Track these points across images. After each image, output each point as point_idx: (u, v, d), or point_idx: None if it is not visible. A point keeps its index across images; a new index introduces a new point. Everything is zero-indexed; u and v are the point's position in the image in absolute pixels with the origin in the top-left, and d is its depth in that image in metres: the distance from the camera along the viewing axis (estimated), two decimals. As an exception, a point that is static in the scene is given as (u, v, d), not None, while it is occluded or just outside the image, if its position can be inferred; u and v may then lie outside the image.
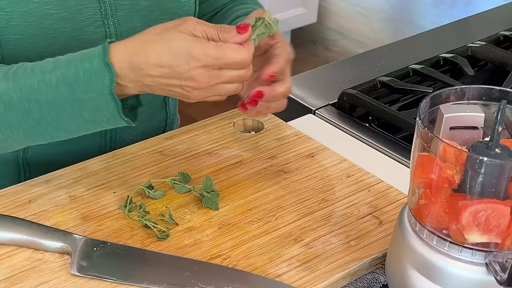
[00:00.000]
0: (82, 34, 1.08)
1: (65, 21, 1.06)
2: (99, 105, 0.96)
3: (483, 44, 1.53)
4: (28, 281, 0.94)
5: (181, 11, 1.16)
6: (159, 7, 1.14)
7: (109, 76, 0.95)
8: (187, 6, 1.17)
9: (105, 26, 1.10)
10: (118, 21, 1.11)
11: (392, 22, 4.09)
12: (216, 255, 0.99)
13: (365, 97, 1.34)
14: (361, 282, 0.99)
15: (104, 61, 0.95)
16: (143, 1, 1.12)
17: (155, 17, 1.13)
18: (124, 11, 1.11)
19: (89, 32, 1.09)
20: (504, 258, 0.83)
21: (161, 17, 1.14)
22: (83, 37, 1.08)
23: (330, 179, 1.13)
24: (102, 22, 1.09)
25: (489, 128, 0.86)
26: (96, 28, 1.09)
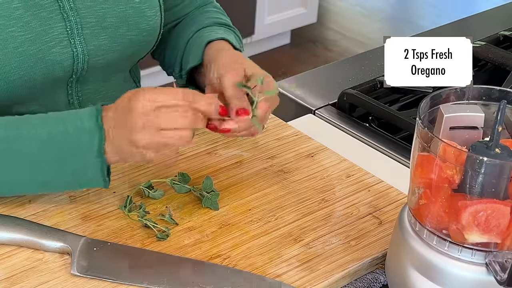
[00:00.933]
0: (48, 56, 1.06)
1: (30, 43, 1.04)
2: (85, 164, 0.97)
3: (483, 44, 1.53)
4: (28, 281, 0.93)
5: (148, 26, 1.15)
6: (126, 23, 1.12)
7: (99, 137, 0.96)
8: (153, 20, 1.16)
9: (72, 45, 1.08)
10: (85, 40, 1.09)
11: (392, 22, 4.09)
12: (216, 255, 0.99)
13: (365, 97, 1.34)
14: (361, 282, 0.99)
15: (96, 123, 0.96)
16: (109, 18, 1.11)
17: (121, 33, 1.12)
18: (90, 29, 1.09)
19: (56, 52, 1.07)
20: (504, 258, 0.83)
21: (128, 33, 1.13)
22: (50, 59, 1.06)
23: (330, 179, 1.13)
24: (69, 42, 1.07)
25: (489, 128, 0.86)
26: (62, 48, 1.07)
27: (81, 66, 1.10)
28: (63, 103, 1.13)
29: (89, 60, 1.10)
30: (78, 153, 0.97)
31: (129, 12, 1.12)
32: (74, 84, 1.12)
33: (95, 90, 1.15)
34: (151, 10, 1.15)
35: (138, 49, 1.16)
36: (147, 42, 1.17)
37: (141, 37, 1.15)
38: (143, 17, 1.14)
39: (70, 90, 1.12)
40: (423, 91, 1.37)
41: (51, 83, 1.09)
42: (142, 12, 1.13)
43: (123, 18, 1.12)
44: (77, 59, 1.09)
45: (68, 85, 1.12)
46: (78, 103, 1.14)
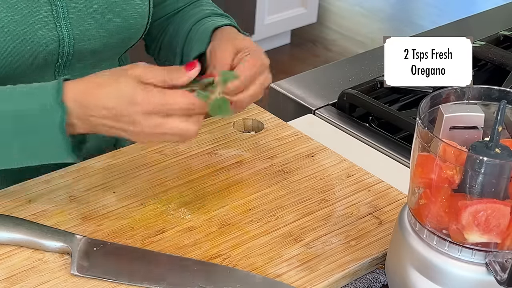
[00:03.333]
0: (33, 38, 1.06)
1: (16, 24, 1.05)
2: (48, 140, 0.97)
3: (483, 44, 1.53)
4: (28, 281, 0.94)
5: (135, 14, 1.15)
6: (112, 9, 1.12)
7: (61, 113, 0.95)
8: (141, 8, 1.16)
9: (58, 29, 1.08)
10: (71, 24, 1.09)
11: (392, 22, 4.09)
12: (216, 255, 0.99)
13: (365, 97, 1.34)
14: (361, 282, 0.99)
15: (57, 100, 0.95)
16: (95, 4, 1.11)
17: (108, 20, 1.12)
18: (77, 13, 1.10)
19: (41, 35, 1.07)
20: (504, 258, 0.83)
21: (115, 20, 1.13)
22: (35, 40, 1.07)
23: (330, 179, 1.13)
24: (54, 25, 1.08)
25: (489, 128, 0.86)
26: (48, 31, 1.08)
27: (67, 50, 1.10)
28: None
29: (74, 45, 1.10)
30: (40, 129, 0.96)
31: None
32: (61, 69, 1.12)
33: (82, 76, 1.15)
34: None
35: (125, 36, 1.16)
36: (134, 29, 1.17)
37: (128, 24, 1.15)
38: (130, 4, 1.14)
39: (57, 75, 1.12)
40: (423, 91, 1.37)
41: (37, 66, 1.09)
42: (129, 0, 1.14)
43: (110, 4, 1.12)
44: (62, 42, 1.09)
45: (56, 70, 1.12)
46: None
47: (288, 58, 3.54)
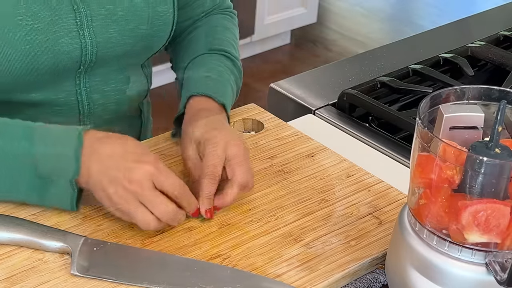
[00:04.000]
0: (56, 46, 1.06)
1: (38, 33, 1.04)
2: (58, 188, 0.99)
3: (483, 44, 1.53)
4: (28, 281, 0.94)
5: (159, 21, 1.15)
6: (136, 16, 1.12)
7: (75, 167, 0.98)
8: (165, 15, 1.16)
9: (81, 37, 1.08)
10: (95, 32, 1.09)
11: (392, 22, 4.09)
12: (216, 255, 0.99)
13: (365, 97, 1.34)
14: (361, 282, 0.99)
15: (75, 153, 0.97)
16: (119, 11, 1.10)
17: (131, 27, 1.12)
18: (101, 21, 1.09)
19: (64, 43, 1.07)
20: (504, 258, 0.83)
21: (139, 27, 1.13)
22: (57, 49, 1.06)
23: (330, 179, 1.13)
24: (78, 33, 1.08)
25: (489, 128, 0.86)
26: (70, 39, 1.07)
27: (90, 57, 1.10)
28: (69, 92, 1.13)
29: (97, 52, 1.10)
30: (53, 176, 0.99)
31: (140, 5, 1.12)
32: (82, 75, 1.12)
33: (104, 82, 1.15)
34: (163, 6, 1.15)
35: (148, 43, 1.16)
36: (158, 37, 1.17)
37: (152, 31, 1.15)
38: (155, 12, 1.14)
39: (78, 80, 1.12)
40: (423, 91, 1.37)
41: (58, 73, 1.09)
42: (154, 7, 1.14)
43: (134, 11, 1.12)
44: (85, 50, 1.09)
45: (76, 75, 1.12)
46: (86, 93, 1.14)
47: (288, 58, 3.54)
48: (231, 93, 1.18)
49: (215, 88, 1.15)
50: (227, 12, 1.30)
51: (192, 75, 1.19)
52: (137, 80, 1.21)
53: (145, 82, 1.24)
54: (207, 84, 1.15)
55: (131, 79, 1.19)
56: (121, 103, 1.19)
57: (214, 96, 1.13)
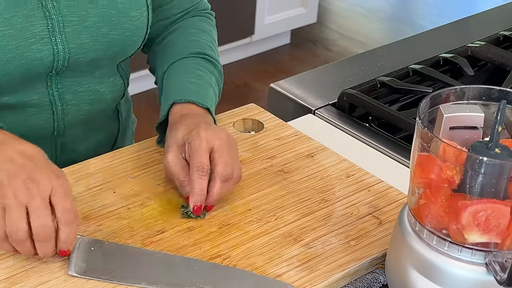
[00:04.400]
0: (28, 52, 1.06)
1: (10, 39, 1.04)
2: None
3: (483, 44, 1.53)
4: (28, 281, 0.93)
5: (132, 26, 1.14)
6: (108, 22, 1.11)
7: None
8: (138, 20, 1.14)
9: (53, 43, 1.07)
10: (67, 38, 1.08)
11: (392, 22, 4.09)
12: (216, 255, 0.99)
13: (365, 97, 1.34)
14: (361, 282, 0.99)
15: None
16: (91, 17, 1.10)
17: (104, 33, 1.11)
18: (72, 27, 1.09)
19: (36, 49, 1.06)
20: (504, 258, 0.83)
21: (111, 33, 1.12)
22: (29, 55, 1.06)
23: (330, 179, 1.13)
24: (50, 39, 1.07)
25: (489, 128, 0.86)
26: (43, 45, 1.07)
27: (62, 63, 1.10)
28: (42, 94, 1.12)
29: (70, 58, 1.10)
30: None
31: (111, 12, 1.11)
32: (53, 77, 1.12)
33: (77, 83, 1.15)
34: (136, 10, 1.14)
35: (121, 48, 1.15)
36: (131, 41, 1.16)
37: (124, 36, 1.14)
38: (127, 17, 1.13)
39: (49, 82, 1.12)
40: (423, 91, 1.37)
41: (30, 77, 1.09)
42: (126, 12, 1.13)
43: (106, 17, 1.11)
44: (57, 56, 1.09)
45: (48, 78, 1.11)
46: (58, 94, 1.13)
47: (288, 58, 3.54)
48: (213, 95, 1.17)
49: (196, 93, 1.14)
50: (205, 13, 1.29)
51: (172, 81, 1.18)
52: (112, 80, 1.20)
53: (121, 83, 1.23)
54: (188, 90, 1.14)
55: (105, 79, 1.19)
56: (95, 103, 1.18)
57: (197, 102, 1.13)
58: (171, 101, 1.13)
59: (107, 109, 1.23)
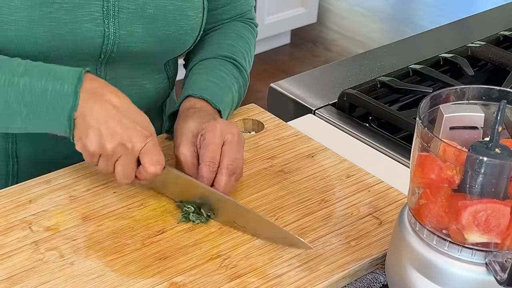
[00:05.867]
0: (79, 29, 1.07)
1: (65, 12, 1.06)
2: (53, 122, 1.00)
3: (483, 44, 1.53)
4: (28, 281, 0.94)
5: (187, 25, 1.15)
6: (164, 17, 1.12)
7: (73, 103, 0.99)
8: (193, 20, 1.16)
9: (105, 25, 1.09)
10: (119, 23, 1.10)
11: (392, 22, 4.10)
12: (216, 255, 0.99)
13: (365, 97, 1.34)
14: (361, 282, 0.99)
15: (75, 89, 0.99)
16: (148, 9, 1.11)
17: (158, 26, 1.12)
18: (127, 14, 1.10)
19: (87, 28, 1.08)
20: (504, 258, 0.83)
21: (165, 28, 1.13)
22: (80, 32, 1.07)
23: (330, 180, 1.13)
24: (102, 21, 1.09)
25: (489, 128, 0.86)
26: (95, 26, 1.08)
27: (111, 48, 1.10)
28: None
29: (119, 44, 1.11)
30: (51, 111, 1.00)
31: (169, 8, 1.12)
32: (103, 64, 1.13)
33: (123, 75, 1.16)
34: (193, 10, 1.15)
35: (173, 45, 1.16)
36: (183, 40, 1.17)
37: (177, 34, 1.15)
38: (183, 16, 1.14)
39: (98, 70, 1.13)
40: (423, 91, 1.37)
41: (79, 57, 1.10)
42: (183, 11, 1.14)
43: (162, 12, 1.12)
44: (107, 39, 1.09)
45: (97, 65, 1.12)
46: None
47: (288, 58, 3.54)
48: (231, 101, 1.18)
49: (213, 92, 1.15)
50: (249, 21, 1.30)
51: (194, 76, 1.19)
52: (158, 78, 1.22)
53: (166, 82, 1.24)
54: (206, 87, 1.15)
55: (151, 75, 1.20)
56: (140, 98, 1.19)
57: (210, 101, 1.13)
58: (187, 93, 1.14)
59: (151, 107, 1.24)
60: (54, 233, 1.01)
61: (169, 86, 1.26)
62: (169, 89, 1.26)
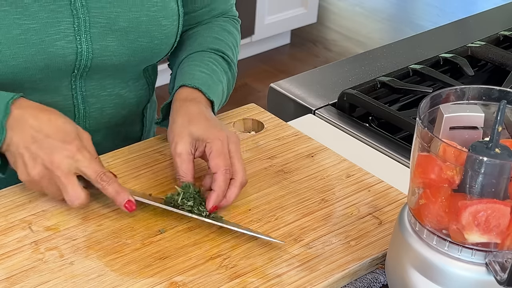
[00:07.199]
0: (51, 48, 1.06)
1: (34, 33, 1.05)
2: None
3: (483, 44, 1.53)
4: (28, 281, 0.94)
5: (161, 34, 1.14)
6: (137, 29, 1.11)
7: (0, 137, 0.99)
8: (168, 29, 1.14)
9: (77, 42, 1.08)
10: (92, 38, 1.09)
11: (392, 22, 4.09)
12: (216, 255, 0.99)
13: (365, 97, 1.34)
14: (361, 282, 0.99)
15: (1, 123, 0.99)
16: (120, 22, 1.10)
17: (131, 39, 1.11)
18: (99, 29, 1.09)
19: (59, 46, 1.07)
20: (504, 258, 0.83)
21: (139, 39, 1.12)
22: (52, 51, 1.06)
23: (330, 179, 1.13)
24: (74, 38, 1.07)
25: (489, 128, 0.86)
26: (67, 43, 1.07)
27: (85, 63, 1.10)
28: (65, 96, 1.13)
29: (93, 59, 1.10)
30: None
31: (142, 19, 1.11)
32: (78, 78, 1.12)
33: (101, 86, 1.15)
34: (167, 19, 1.14)
35: (148, 55, 1.15)
36: (159, 49, 1.16)
37: (152, 44, 1.14)
38: (157, 26, 1.13)
39: (73, 84, 1.12)
40: (423, 91, 1.37)
41: (52, 74, 1.09)
42: (157, 21, 1.13)
43: (136, 24, 1.11)
44: (80, 55, 1.09)
45: (72, 79, 1.12)
46: (82, 97, 1.14)
47: (288, 58, 3.54)
48: (221, 94, 1.17)
49: (206, 83, 1.13)
50: (232, 18, 1.29)
51: (186, 68, 1.17)
52: (137, 85, 1.21)
53: (146, 88, 1.23)
54: (199, 77, 1.13)
55: (130, 83, 1.19)
56: (118, 107, 1.19)
57: (205, 92, 1.11)
58: (181, 83, 1.12)
59: (131, 114, 1.23)
60: (54, 233, 1.01)
61: (149, 91, 1.25)
62: (149, 94, 1.25)
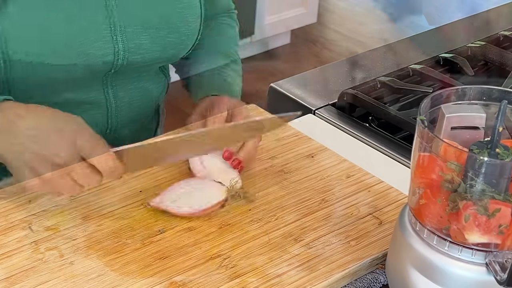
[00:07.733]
0: (90, 49, 1.09)
1: (74, 36, 1.07)
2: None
3: (483, 44, 1.53)
4: (28, 281, 0.94)
5: (188, 31, 1.18)
6: (167, 26, 1.15)
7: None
8: (193, 25, 1.19)
9: (114, 42, 1.11)
10: (127, 38, 1.12)
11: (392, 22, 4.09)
12: (216, 255, 0.99)
13: (365, 97, 1.34)
14: (361, 282, 0.99)
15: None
16: (152, 19, 1.14)
17: (162, 35, 1.15)
18: (133, 27, 1.12)
19: (98, 47, 1.10)
20: (504, 258, 0.83)
21: (169, 35, 1.16)
22: (92, 52, 1.09)
23: (330, 180, 1.13)
24: (111, 38, 1.10)
25: (489, 128, 0.86)
26: (104, 43, 1.10)
27: (121, 62, 1.12)
28: (98, 92, 1.16)
29: (128, 57, 1.13)
30: None
31: (171, 16, 1.16)
32: (108, 77, 1.15)
33: (127, 81, 1.18)
34: (193, 15, 1.19)
35: (176, 51, 1.19)
36: (185, 45, 1.20)
37: (180, 40, 1.18)
38: (185, 22, 1.17)
39: (105, 80, 1.15)
40: (423, 91, 1.37)
41: (91, 75, 1.12)
42: (184, 17, 1.17)
43: (166, 21, 1.15)
44: (117, 55, 1.11)
45: (104, 76, 1.14)
46: (113, 92, 1.17)
47: (288, 58, 3.54)
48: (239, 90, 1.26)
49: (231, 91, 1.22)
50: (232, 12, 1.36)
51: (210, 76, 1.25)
52: (156, 77, 1.25)
53: (164, 79, 1.27)
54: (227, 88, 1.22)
55: (151, 76, 1.23)
56: (144, 100, 1.22)
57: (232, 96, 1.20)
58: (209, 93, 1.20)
59: (152, 104, 1.27)
60: (54, 233, 1.01)
61: (167, 83, 1.29)
62: (167, 86, 1.30)
